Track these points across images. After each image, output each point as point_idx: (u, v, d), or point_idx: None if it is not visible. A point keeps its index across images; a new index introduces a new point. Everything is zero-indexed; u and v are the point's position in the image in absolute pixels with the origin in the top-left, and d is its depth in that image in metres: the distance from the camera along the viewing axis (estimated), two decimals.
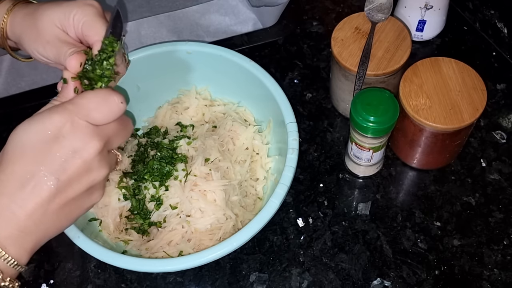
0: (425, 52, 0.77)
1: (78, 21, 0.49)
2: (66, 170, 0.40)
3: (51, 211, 0.40)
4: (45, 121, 0.40)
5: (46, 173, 0.39)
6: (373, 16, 0.66)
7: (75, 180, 0.41)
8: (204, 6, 0.84)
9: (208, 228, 0.58)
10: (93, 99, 0.42)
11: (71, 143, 0.40)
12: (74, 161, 0.40)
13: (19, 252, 0.40)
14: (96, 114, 0.41)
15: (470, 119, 0.57)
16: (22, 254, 0.40)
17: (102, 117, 0.42)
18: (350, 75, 0.64)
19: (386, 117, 0.55)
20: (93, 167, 0.41)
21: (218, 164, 0.61)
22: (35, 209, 0.39)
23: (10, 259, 0.39)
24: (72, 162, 0.40)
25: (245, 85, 0.65)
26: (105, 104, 0.42)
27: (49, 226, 0.41)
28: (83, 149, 0.40)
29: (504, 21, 0.73)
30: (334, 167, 0.67)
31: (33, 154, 0.39)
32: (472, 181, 0.65)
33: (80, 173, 0.41)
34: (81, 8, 0.49)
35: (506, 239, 0.61)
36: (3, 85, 0.78)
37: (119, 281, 0.60)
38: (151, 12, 0.83)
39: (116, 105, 0.43)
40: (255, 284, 0.59)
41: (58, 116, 0.40)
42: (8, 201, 0.39)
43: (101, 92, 0.43)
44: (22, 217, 0.39)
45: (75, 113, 0.40)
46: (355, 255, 0.61)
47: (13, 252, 0.40)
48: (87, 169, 0.41)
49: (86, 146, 0.40)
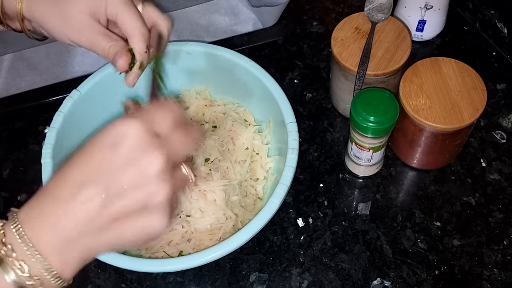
0: (425, 52, 0.77)
1: (111, 13, 0.50)
2: (119, 181, 0.36)
3: (98, 223, 0.36)
4: (107, 129, 0.37)
5: (97, 181, 0.36)
6: (373, 16, 0.66)
7: (128, 193, 0.36)
8: (204, 6, 0.84)
9: (208, 228, 0.58)
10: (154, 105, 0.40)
11: (129, 153, 0.36)
12: (129, 171, 0.36)
13: (61, 265, 0.36)
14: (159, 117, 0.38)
15: (470, 119, 0.57)
16: (64, 266, 0.36)
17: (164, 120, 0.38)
18: (350, 75, 0.64)
19: (386, 117, 0.55)
20: (151, 181, 0.36)
21: (218, 164, 0.61)
22: (82, 219, 0.36)
23: (51, 270, 0.36)
24: (127, 172, 0.36)
25: (245, 85, 0.65)
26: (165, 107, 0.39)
27: (96, 241, 0.37)
28: (141, 160, 0.36)
29: (504, 21, 0.73)
30: (334, 167, 0.67)
31: (90, 163, 0.36)
32: (472, 181, 0.65)
33: (134, 186, 0.36)
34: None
35: (506, 239, 0.61)
36: (3, 85, 0.78)
37: (119, 281, 0.60)
38: None
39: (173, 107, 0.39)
40: (255, 284, 0.59)
41: (119, 124, 0.36)
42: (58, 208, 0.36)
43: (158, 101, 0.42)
44: (66, 226, 0.36)
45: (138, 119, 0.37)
46: (355, 255, 0.61)
47: (55, 264, 0.36)
48: (142, 183, 0.36)
49: (145, 157, 0.36)
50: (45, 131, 0.72)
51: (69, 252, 0.36)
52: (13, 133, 0.73)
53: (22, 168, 0.69)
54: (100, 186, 0.35)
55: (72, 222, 0.36)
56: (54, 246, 0.36)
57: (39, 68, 0.79)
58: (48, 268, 0.35)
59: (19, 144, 0.71)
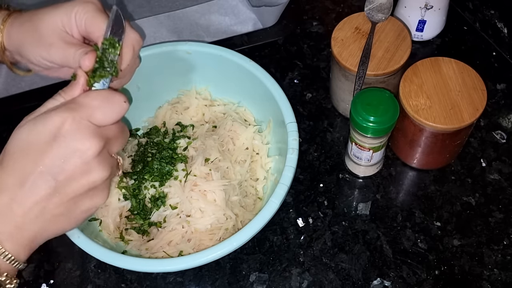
0: (425, 52, 0.77)
1: (80, 19, 0.49)
2: (64, 170, 0.40)
3: (48, 209, 0.40)
4: (47, 120, 0.40)
5: (45, 172, 0.39)
6: (373, 16, 0.66)
7: (73, 180, 0.40)
8: (204, 6, 0.84)
9: (208, 228, 0.58)
10: (96, 98, 0.42)
11: (70, 143, 0.40)
12: (73, 161, 0.40)
13: (15, 248, 0.40)
14: (98, 113, 0.41)
15: (470, 119, 0.57)
16: (18, 250, 0.41)
17: (104, 117, 0.42)
18: (350, 75, 0.64)
19: (386, 117, 0.55)
20: (92, 167, 0.41)
21: (218, 164, 0.61)
22: (32, 207, 0.40)
23: (6, 253, 0.40)
24: (71, 162, 0.40)
25: (245, 85, 0.65)
26: (108, 103, 0.42)
27: (47, 224, 0.41)
28: (82, 148, 0.40)
29: (504, 21, 0.73)
30: (334, 167, 0.67)
31: (33, 153, 0.39)
32: (472, 181, 0.65)
33: (79, 173, 0.40)
34: (81, 6, 0.49)
35: (506, 239, 0.61)
36: (3, 85, 0.78)
37: (119, 281, 0.60)
38: (151, 12, 0.83)
39: (119, 105, 0.43)
40: (255, 284, 0.59)
41: (59, 115, 0.40)
42: (7, 198, 0.39)
43: (104, 92, 0.43)
44: (19, 214, 0.39)
45: (76, 112, 0.40)
46: (355, 255, 0.61)
47: (9, 247, 0.40)
48: (86, 170, 0.41)
49: (85, 146, 0.40)
50: None
51: (22, 237, 0.40)
52: None
53: None
54: (47, 174, 0.39)
55: (21, 210, 0.39)
56: (7, 233, 0.40)
57: None
58: (3, 252, 0.40)
59: None
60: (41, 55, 0.51)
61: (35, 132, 0.40)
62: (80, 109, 0.41)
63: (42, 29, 0.50)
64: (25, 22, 0.51)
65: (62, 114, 0.40)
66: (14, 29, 0.51)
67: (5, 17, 0.52)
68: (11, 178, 0.39)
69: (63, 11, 0.49)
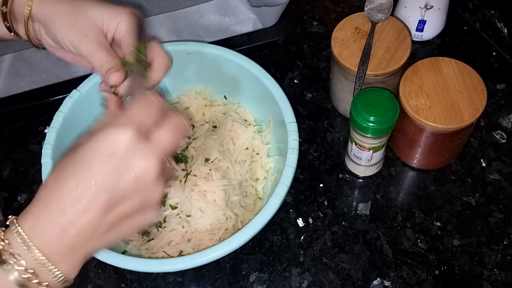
0: (425, 52, 0.77)
1: (122, 28, 0.50)
2: (118, 188, 0.38)
3: (101, 228, 0.39)
4: (100, 137, 0.38)
5: (98, 190, 0.37)
6: (373, 16, 0.66)
7: (127, 198, 0.39)
8: (204, 6, 0.84)
9: (208, 228, 0.58)
10: (137, 105, 0.41)
11: (125, 161, 0.38)
12: (127, 179, 0.38)
13: (68, 268, 0.39)
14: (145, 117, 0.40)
15: (470, 119, 0.57)
16: (71, 270, 0.39)
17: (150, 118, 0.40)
18: (350, 75, 0.64)
19: (386, 117, 0.55)
20: (147, 185, 0.39)
21: (218, 164, 0.61)
22: (86, 226, 0.38)
23: (60, 275, 0.38)
24: (125, 180, 0.38)
25: (245, 85, 0.65)
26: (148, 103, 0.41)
27: (99, 242, 0.40)
28: (136, 166, 0.38)
29: (504, 21, 0.73)
30: (334, 167, 0.67)
31: (87, 170, 0.38)
32: (472, 181, 0.65)
33: (133, 191, 0.39)
34: (128, 16, 0.50)
35: (506, 239, 0.61)
36: (3, 85, 0.78)
37: (119, 281, 0.60)
38: (151, 12, 0.83)
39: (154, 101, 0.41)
40: (255, 284, 0.59)
41: (111, 132, 0.38)
42: (60, 217, 0.37)
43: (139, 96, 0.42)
44: (72, 234, 0.38)
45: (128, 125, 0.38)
46: (355, 255, 0.61)
47: (63, 268, 0.39)
48: (140, 187, 0.39)
49: (139, 162, 0.38)
50: (45, 131, 0.72)
51: (75, 257, 0.39)
52: (13, 133, 0.73)
53: (22, 168, 0.69)
54: (101, 195, 0.38)
55: (75, 231, 0.38)
56: (61, 254, 0.38)
57: (39, 68, 0.79)
58: (57, 274, 0.38)
59: (19, 144, 0.71)
60: (70, 40, 0.51)
61: (89, 148, 0.38)
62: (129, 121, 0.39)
63: (82, 18, 0.50)
64: (65, 1, 0.51)
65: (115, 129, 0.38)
66: (51, 1, 0.51)
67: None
68: (64, 197, 0.38)
69: (109, 14, 0.50)
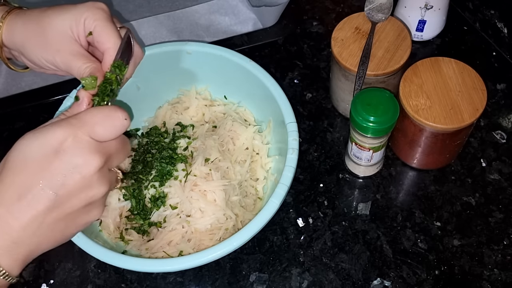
0: (425, 52, 0.77)
1: (89, 25, 0.49)
2: (65, 185, 0.39)
3: (46, 224, 0.40)
4: (48, 135, 0.39)
5: (44, 187, 0.39)
6: (373, 16, 0.66)
7: (73, 196, 0.40)
8: (204, 6, 0.84)
9: (208, 228, 0.58)
10: (98, 115, 0.41)
11: (71, 158, 0.39)
12: (73, 176, 0.39)
13: (10, 263, 0.39)
14: (99, 129, 0.41)
15: (470, 119, 0.57)
16: (13, 266, 0.40)
17: (105, 133, 0.41)
18: (350, 75, 0.64)
19: (386, 117, 0.55)
20: (92, 183, 0.41)
21: (218, 164, 0.61)
22: (30, 222, 0.39)
23: (2, 270, 0.39)
24: (72, 177, 0.39)
25: (245, 85, 0.65)
26: (109, 119, 0.42)
27: (43, 239, 0.40)
28: (83, 165, 0.40)
29: (504, 21, 0.73)
30: (334, 167, 0.67)
31: (33, 167, 0.39)
32: (472, 181, 0.65)
33: (79, 189, 0.40)
34: (91, 12, 0.49)
35: (506, 239, 0.61)
36: (3, 85, 0.78)
37: (119, 281, 0.60)
38: (151, 12, 0.83)
39: (120, 121, 0.42)
40: (255, 284, 0.59)
41: (60, 130, 0.39)
42: (4, 211, 0.38)
43: (106, 108, 0.43)
44: (16, 228, 0.38)
45: (78, 128, 0.40)
46: (355, 255, 0.61)
47: (4, 263, 0.39)
48: (86, 185, 0.40)
49: (86, 162, 0.40)
50: None
51: (18, 252, 0.39)
52: (13, 133, 0.73)
53: None
54: (47, 189, 0.39)
55: (19, 225, 0.38)
56: (3, 248, 0.39)
57: None
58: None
59: None
60: (45, 59, 0.50)
61: (36, 146, 0.39)
62: (82, 125, 0.40)
63: (49, 33, 0.49)
64: (30, 22, 0.50)
65: (64, 129, 0.40)
66: (18, 28, 0.51)
67: (4, 14, 0.51)
68: (9, 192, 0.39)
69: (72, 16, 0.49)
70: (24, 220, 0.38)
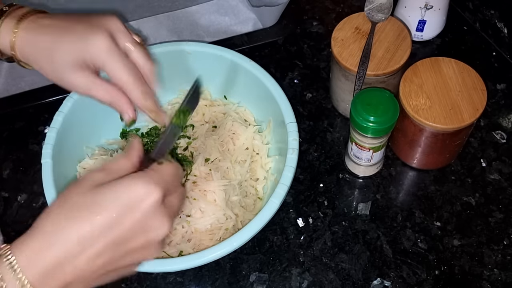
0: (425, 52, 0.77)
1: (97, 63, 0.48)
2: (126, 242, 0.37)
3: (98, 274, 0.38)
4: (128, 186, 0.37)
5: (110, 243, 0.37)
6: (373, 16, 0.66)
7: (131, 253, 0.38)
8: (204, 6, 0.84)
9: (208, 228, 0.58)
10: (170, 168, 0.41)
11: (142, 217, 0.37)
12: (138, 236, 0.38)
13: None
14: (171, 183, 0.40)
15: (470, 119, 0.57)
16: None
17: (174, 185, 0.41)
18: (350, 75, 0.64)
19: (386, 117, 0.55)
20: (155, 245, 0.39)
21: (218, 164, 0.61)
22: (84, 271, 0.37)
23: None
24: (136, 237, 0.38)
25: (245, 85, 0.65)
26: (177, 170, 0.41)
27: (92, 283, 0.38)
28: (151, 226, 0.38)
29: (504, 21, 0.73)
30: (334, 167, 0.67)
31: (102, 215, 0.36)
32: (472, 181, 0.65)
33: (139, 247, 0.38)
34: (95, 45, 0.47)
35: (506, 239, 0.61)
36: (3, 85, 0.78)
37: (119, 281, 0.60)
38: (151, 12, 0.83)
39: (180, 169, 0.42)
40: (255, 284, 0.59)
41: (140, 185, 0.38)
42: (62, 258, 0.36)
43: (173, 166, 0.42)
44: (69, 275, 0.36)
45: (159, 186, 0.38)
46: (355, 255, 0.61)
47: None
48: (148, 245, 0.39)
49: (156, 224, 0.38)
50: (45, 131, 0.72)
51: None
52: (13, 133, 0.73)
53: (22, 168, 0.69)
54: (109, 245, 0.36)
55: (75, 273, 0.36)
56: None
57: None
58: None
59: (19, 144, 0.71)
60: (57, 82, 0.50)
61: (111, 195, 0.37)
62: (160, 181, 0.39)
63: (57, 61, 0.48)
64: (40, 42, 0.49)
65: (149, 186, 0.38)
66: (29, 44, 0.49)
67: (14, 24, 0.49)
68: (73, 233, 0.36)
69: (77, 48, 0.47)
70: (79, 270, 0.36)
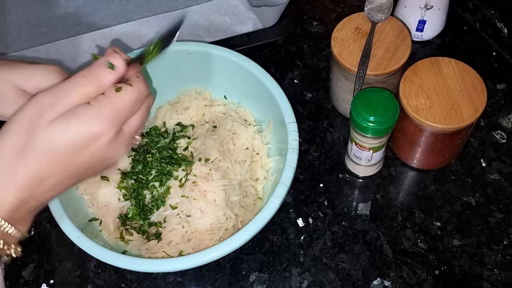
0: (425, 52, 0.77)
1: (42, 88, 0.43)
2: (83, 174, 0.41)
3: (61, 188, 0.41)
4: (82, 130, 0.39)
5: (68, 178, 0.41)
6: (373, 16, 0.66)
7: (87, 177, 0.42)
8: (204, 6, 0.84)
9: (208, 228, 0.58)
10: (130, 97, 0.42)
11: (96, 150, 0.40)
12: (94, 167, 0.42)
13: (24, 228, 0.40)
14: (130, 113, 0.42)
15: (470, 119, 0.57)
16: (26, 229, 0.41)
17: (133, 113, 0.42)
18: (350, 75, 0.64)
19: (386, 117, 0.55)
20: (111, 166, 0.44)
21: (218, 164, 0.61)
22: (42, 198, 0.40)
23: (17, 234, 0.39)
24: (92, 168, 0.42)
25: (245, 85, 0.65)
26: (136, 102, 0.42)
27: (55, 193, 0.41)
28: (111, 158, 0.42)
29: (504, 21, 0.73)
30: (334, 167, 0.67)
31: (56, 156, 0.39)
32: (472, 181, 0.65)
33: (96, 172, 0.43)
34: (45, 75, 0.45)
35: (506, 239, 0.61)
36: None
37: (119, 281, 0.60)
38: (151, 12, 0.83)
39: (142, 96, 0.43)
40: (255, 284, 0.59)
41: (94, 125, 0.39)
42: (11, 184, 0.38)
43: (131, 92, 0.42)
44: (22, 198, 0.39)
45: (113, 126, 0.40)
46: (355, 255, 0.61)
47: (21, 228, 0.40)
48: (104, 169, 0.43)
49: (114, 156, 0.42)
50: None
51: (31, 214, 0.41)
52: None
53: None
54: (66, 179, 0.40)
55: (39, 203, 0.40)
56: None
57: None
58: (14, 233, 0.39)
59: None
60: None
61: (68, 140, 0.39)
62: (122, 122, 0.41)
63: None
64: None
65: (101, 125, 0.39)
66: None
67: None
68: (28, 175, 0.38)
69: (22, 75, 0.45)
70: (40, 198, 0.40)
